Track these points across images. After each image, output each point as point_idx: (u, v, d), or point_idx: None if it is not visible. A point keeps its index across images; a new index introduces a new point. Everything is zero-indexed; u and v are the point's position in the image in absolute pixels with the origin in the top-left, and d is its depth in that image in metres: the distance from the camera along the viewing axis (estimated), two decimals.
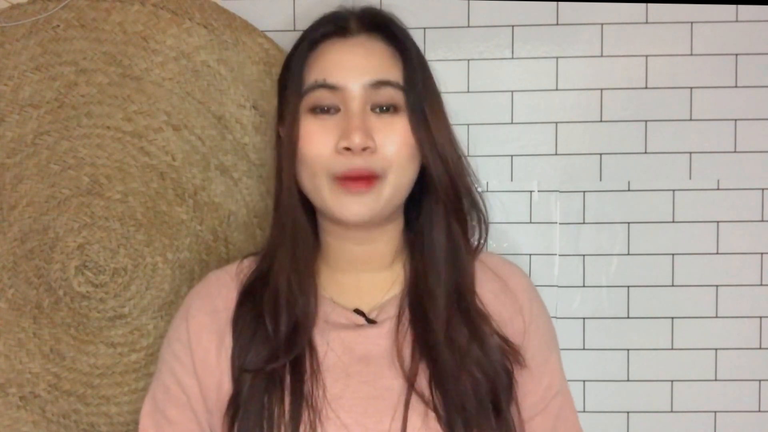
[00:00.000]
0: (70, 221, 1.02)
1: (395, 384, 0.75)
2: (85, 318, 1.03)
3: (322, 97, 0.73)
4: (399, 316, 0.78)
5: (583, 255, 1.07)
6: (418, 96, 0.75)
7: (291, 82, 0.76)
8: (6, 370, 1.03)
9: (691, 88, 1.05)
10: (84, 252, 1.02)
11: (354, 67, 0.73)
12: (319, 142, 0.73)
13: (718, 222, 1.06)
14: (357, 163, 0.72)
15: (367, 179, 0.72)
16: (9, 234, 1.02)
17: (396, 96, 0.74)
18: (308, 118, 0.74)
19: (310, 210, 0.79)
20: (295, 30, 1.05)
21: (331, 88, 0.73)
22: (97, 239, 1.02)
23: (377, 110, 0.74)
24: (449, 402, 0.73)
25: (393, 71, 0.75)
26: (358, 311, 0.79)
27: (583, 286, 1.07)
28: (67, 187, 1.02)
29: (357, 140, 0.71)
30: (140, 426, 0.79)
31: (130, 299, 1.03)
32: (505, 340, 0.78)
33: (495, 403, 0.75)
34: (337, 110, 0.74)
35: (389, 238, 0.80)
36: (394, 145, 0.73)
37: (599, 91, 1.06)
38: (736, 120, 1.05)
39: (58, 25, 1.00)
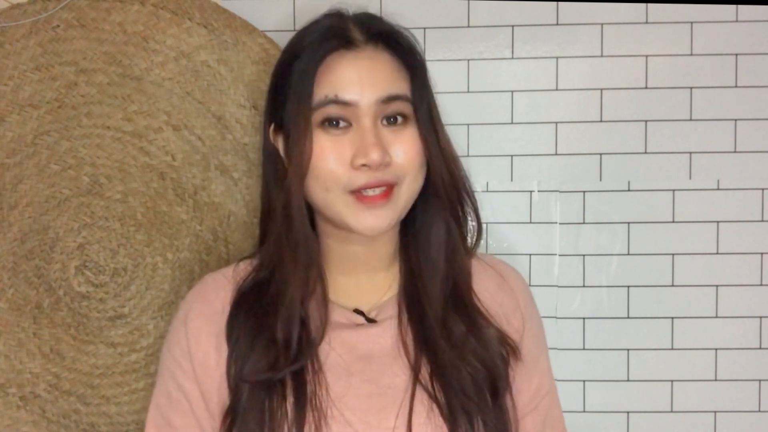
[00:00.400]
0: (70, 221, 1.02)
1: (398, 381, 0.75)
2: (85, 318, 1.03)
3: (332, 112, 0.73)
4: (399, 314, 0.79)
5: (583, 255, 1.07)
6: (427, 105, 0.76)
7: (296, 95, 0.74)
8: (6, 370, 1.03)
9: (691, 88, 1.05)
10: (84, 252, 1.02)
11: (365, 83, 0.73)
12: (332, 158, 0.73)
13: (718, 222, 1.06)
14: (375, 176, 0.72)
15: (385, 194, 0.73)
16: (9, 234, 1.02)
17: (405, 108, 0.75)
18: (319, 133, 0.73)
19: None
20: (294, 30, 1.04)
21: (342, 103, 0.73)
22: (97, 239, 1.02)
23: (385, 121, 0.74)
24: (450, 394, 0.74)
25: (401, 84, 0.75)
26: (357, 311, 0.79)
27: (583, 286, 1.07)
28: (67, 187, 1.02)
29: (375, 157, 0.71)
30: None
31: (130, 299, 1.03)
32: (501, 332, 0.80)
33: (492, 390, 0.76)
34: (348, 124, 0.74)
35: (389, 239, 0.81)
36: (407, 155, 0.74)
37: (599, 91, 1.06)
38: (736, 120, 1.05)
39: (58, 25, 1.00)
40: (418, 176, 0.76)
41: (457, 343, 0.76)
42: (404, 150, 0.74)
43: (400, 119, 0.75)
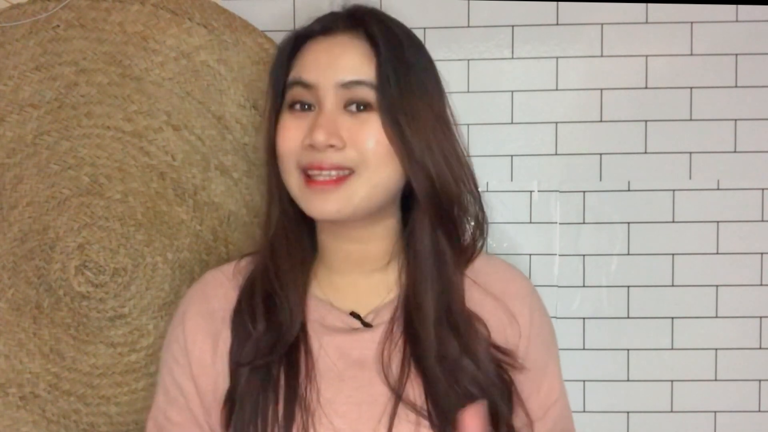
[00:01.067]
0: (70, 221, 1.02)
1: (386, 390, 0.74)
2: (85, 318, 1.03)
3: (299, 94, 0.74)
4: (390, 323, 0.77)
5: (583, 255, 1.07)
6: (392, 96, 0.72)
7: (273, 80, 0.78)
8: (6, 370, 1.03)
9: (691, 88, 1.05)
10: (84, 252, 1.02)
11: (328, 66, 0.73)
12: (290, 137, 0.74)
13: (718, 222, 1.06)
14: (324, 158, 0.72)
15: (336, 180, 0.72)
16: (9, 234, 1.02)
17: (369, 95, 0.73)
18: (286, 114, 0.75)
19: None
20: (294, 30, 1.05)
21: (305, 85, 0.74)
22: (97, 239, 1.02)
23: (353, 108, 0.73)
24: (441, 414, 0.72)
25: (368, 70, 0.73)
26: (354, 314, 0.78)
27: (583, 286, 1.07)
28: (67, 187, 1.02)
29: (320, 138, 0.71)
30: (146, 428, 0.80)
31: (130, 299, 1.03)
32: (498, 348, 0.77)
33: (493, 414, 0.74)
34: (313, 107, 0.74)
35: (381, 238, 0.79)
36: (365, 142, 0.72)
37: (599, 91, 1.06)
38: (736, 120, 1.05)
39: (58, 25, 1.00)
40: (381, 169, 0.73)
41: (451, 366, 0.74)
42: (363, 136, 0.72)
43: (365, 107, 0.73)
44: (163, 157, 1.02)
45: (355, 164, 0.72)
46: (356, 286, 0.80)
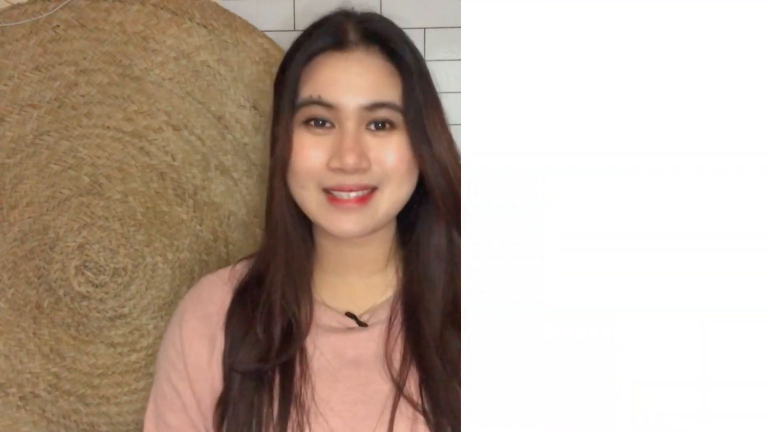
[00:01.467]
0: (70, 221, 1.02)
1: (384, 388, 0.74)
2: (85, 318, 1.03)
3: (316, 112, 0.72)
4: (390, 320, 0.77)
5: None
6: (417, 113, 0.73)
7: (285, 94, 0.75)
8: (6, 370, 1.03)
9: None
10: (84, 252, 1.02)
11: (350, 86, 0.71)
12: (310, 156, 0.72)
13: None
14: (349, 179, 0.71)
15: (361, 199, 0.72)
16: (9, 234, 1.02)
17: (392, 115, 0.72)
18: (302, 130, 0.73)
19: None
20: (295, 30, 1.05)
21: (325, 105, 0.72)
22: (97, 239, 1.02)
23: (373, 127, 0.72)
24: (439, 410, 0.72)
25: (390, 90, 0.72)
26: (349, 314, 0.78)
27: None
28: (67, 187, 1.02)
29: (350, 162, 0.70)
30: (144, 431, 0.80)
31: (130, 299, 1.03)
32: None
33: None
34: (332, 125, 0.73)
35: (381, 241, 0.79)
36: (390, 161, 0.72)
37: None
38: None
39: (58, 25, 1.00)
40: (403, 184, 0.74)
41: (452, 361, 0.74)
42: (387, 157, 0.72)
43: (386, 125, 0.72)
44: (163, 157, 1.02)
45: (378, 181, 0.72)
46: (353, 288, 0.80)
